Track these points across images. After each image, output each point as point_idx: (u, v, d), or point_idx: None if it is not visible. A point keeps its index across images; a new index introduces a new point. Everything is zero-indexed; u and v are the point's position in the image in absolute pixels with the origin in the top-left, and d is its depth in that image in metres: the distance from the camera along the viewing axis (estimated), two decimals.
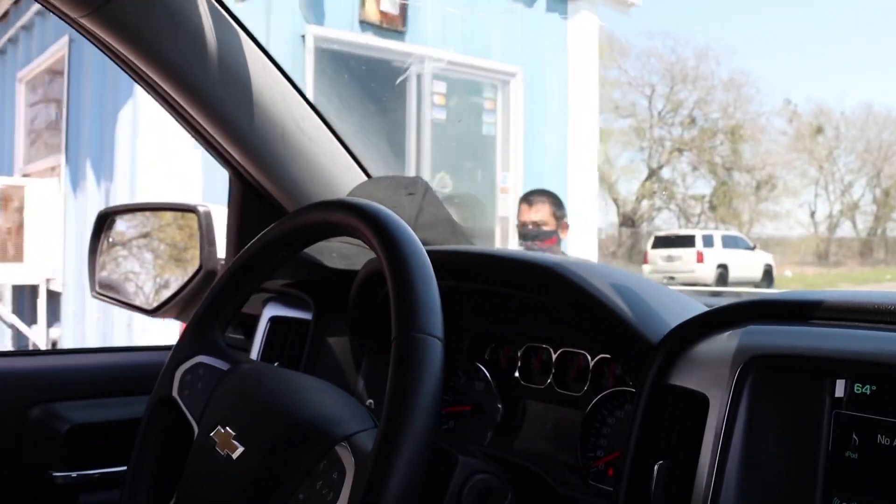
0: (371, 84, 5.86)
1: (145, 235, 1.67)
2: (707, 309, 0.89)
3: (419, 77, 5.88)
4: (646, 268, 19.24)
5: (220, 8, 1.21)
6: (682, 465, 0.80)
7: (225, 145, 1.30)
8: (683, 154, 26.72)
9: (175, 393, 1.02)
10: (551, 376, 1.15)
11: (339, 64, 5.61)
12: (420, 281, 0.81)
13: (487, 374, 1.23)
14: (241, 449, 0.89)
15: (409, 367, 0.75)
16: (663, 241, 20.69)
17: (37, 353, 2.03)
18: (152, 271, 1.61)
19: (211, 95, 1.22)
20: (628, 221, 26.58)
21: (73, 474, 1.37)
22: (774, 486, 0.78)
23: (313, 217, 0.99)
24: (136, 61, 1.19)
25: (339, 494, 0.78)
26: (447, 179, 6.22)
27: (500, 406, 1.21)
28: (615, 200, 27.09)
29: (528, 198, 4.00)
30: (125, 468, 1.37)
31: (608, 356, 1.09)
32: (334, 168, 1.34)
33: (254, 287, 1.07)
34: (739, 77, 27.64)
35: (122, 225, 1.66)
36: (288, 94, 1.29)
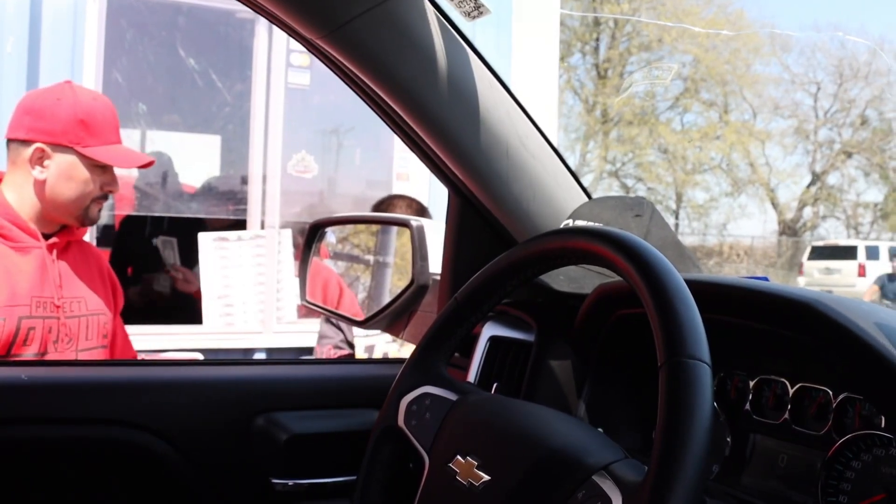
0: (200, 40, 4.83)
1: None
2: None
3: (270, 30, 4.73)
4: (801, 280, 18.49)
5: (448, 26, 1.21)
6: None
7: (448, 162, 1.30)
8: (852, 157, 25.28)
9: (401, 423, 1.03)
10: (787, 412, 1.09)
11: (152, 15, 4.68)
12: (683, 305, 0.80)
13: (716, 406, 1.18)
14: (486, 478, 0.90)
15: (682, 394, 0.74)
16: (822, 252, 19.80)
17: (262, 362, 2.12)
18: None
19: (438, 113, 1.23)
20: (789, 230, 25.45)
21: (290, 482, 1.41)
22: None
23: (551, 244, 0.98)
24: (366, 81, 1.21)
25: None
26: (310, 162, 4.98)
27: (728, 439, 1.16)
28: (774, 207, 26.02)
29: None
30: (341, 479, 1.43)
31: (853, 395, 1.02)
32: (556, 186, 1.32)
33: (479, 317, 1.06)
34: None
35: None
36: (513, 112, 1.28)
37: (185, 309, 4.50)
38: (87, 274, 1.96)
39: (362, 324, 1.59)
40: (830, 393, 1.05)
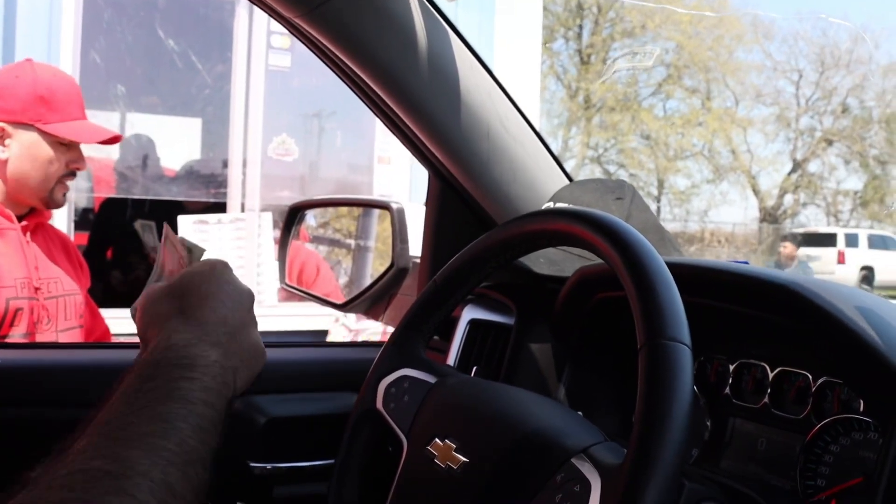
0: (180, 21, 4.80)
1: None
2: None
3: (250, 11, 4.72)
4: None
5: (430, 7, 1.19)
6: None
7: (428, 144, 1.29)
8: (833, 145, 25.43)
9: (380, 405, 1.02)
10: (767, 396, 1.10)
11: None
12: (663, 287, 0.79)
13: (696, 389, 1.18)
14: (464, 461, 0.89)
15: (661, 376, 0.73)
16: (801, 240, 19.96)
17: None
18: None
19: (418, 95, 1.22)
20: (770, 217, 25.58)
21: (268, 466, 1.40)
22: None
23: (531, 226, 0.97)
24: (346, 61, 1.20)
25: None
26: (290, 145, 4.95)
27: (708, 423, 1.16)
28: (755, 194, 26.14)
29: None
30: (319, 462, 1.42)
31: (832, 379, 1.02)
32: (537, 169, 1.31)
33: (459, 299, 1.06)
34: None
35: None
36: (494, 94, 1.27)
37: None
38: (57, 255, 1.95)
39: (342, 307, 1.57)
40: (810, 377, 1.05)
